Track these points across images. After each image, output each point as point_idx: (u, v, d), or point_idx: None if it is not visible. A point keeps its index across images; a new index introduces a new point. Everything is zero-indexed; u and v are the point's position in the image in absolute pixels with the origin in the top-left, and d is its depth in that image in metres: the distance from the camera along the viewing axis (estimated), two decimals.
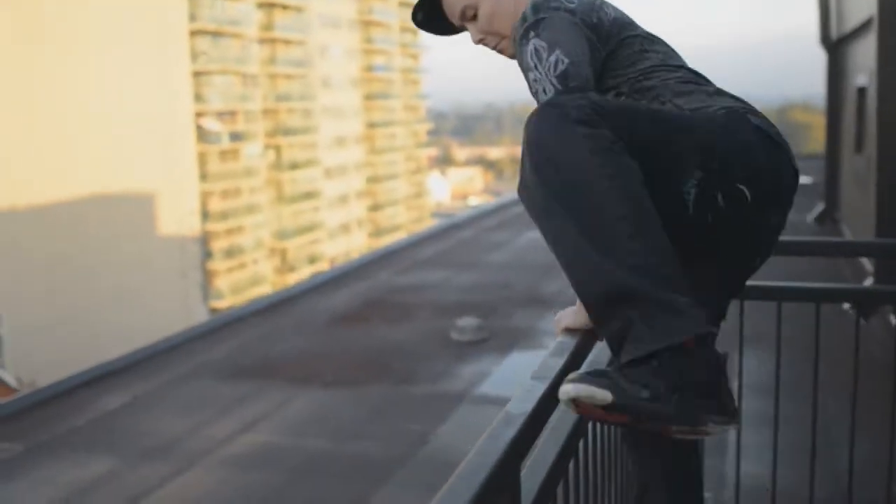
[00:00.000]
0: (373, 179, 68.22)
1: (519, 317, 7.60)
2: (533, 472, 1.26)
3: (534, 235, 12.43)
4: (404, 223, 71.39)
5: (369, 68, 67.29)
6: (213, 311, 49.80)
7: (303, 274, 57.37)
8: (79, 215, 48.30)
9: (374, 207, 68.74)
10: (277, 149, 57.98)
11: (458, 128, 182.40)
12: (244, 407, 5.41)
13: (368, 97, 67.20)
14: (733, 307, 1.97)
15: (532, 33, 1.74)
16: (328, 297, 8.40)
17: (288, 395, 5.62)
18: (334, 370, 6.12)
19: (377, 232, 67.99)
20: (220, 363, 6.43)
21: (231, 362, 6.44)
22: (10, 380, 44.11)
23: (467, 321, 6.87)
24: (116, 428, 5.01)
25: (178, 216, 48.08)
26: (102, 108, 47.09)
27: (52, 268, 48.31)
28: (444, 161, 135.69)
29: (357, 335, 7.04)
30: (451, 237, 12.39)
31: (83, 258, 47.71)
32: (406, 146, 72.99)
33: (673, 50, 1.87)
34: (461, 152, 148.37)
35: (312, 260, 60.51)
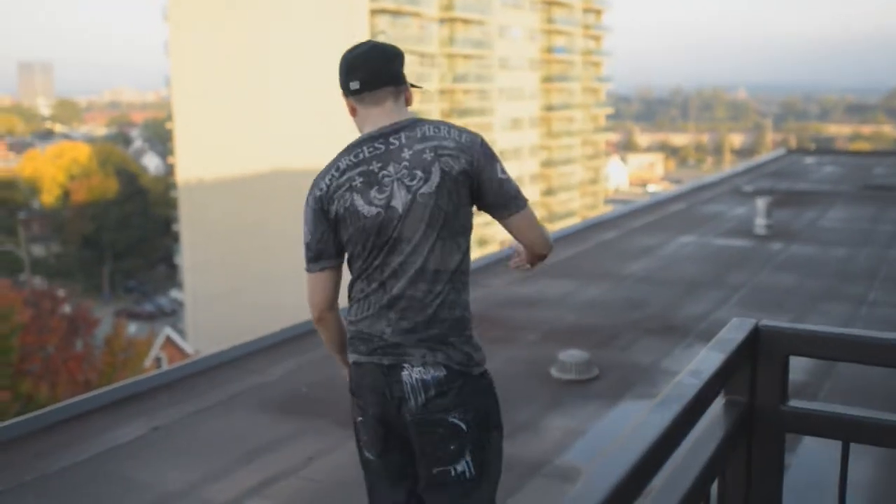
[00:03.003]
0: (547, 163, 66.86)
1: (643, 348, 6.28)
2: None
3: (687, 240, 10.95)
4: (578, 209, 69.68)
5: (549, 50, 65.76)
6: None
7: (473, 255, 56.82)
8: (262, 190, 49.82)
9: (548, 192, 67.37)
10: None
11: (642, 112, 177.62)
12: (271, 454, 4.45)
13: (547, 79, 65.75)
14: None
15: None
16: None
17: (332, 441, 4.62)
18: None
19: (550, 217, 66.64)
20: (270, 390, 5.51)
21: (282, 389, 5.51)
22: (188, 347, 46.06)
23: (573, 355, 5.65)
24: (103, 474, 4.16)
25: None
26: (286, 86, 48.18)
27: (236, 240, 50.17)
28: (625, 146, 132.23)
29: None
30: (592, 238, 11.06)
31: (266, 231, 49.19)
32: (584, 130, 71.07)
33: None
34: (643, 138, 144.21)
35: (482, 242, 60.00)
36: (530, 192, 64.97)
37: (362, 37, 49.32)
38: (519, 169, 63.61)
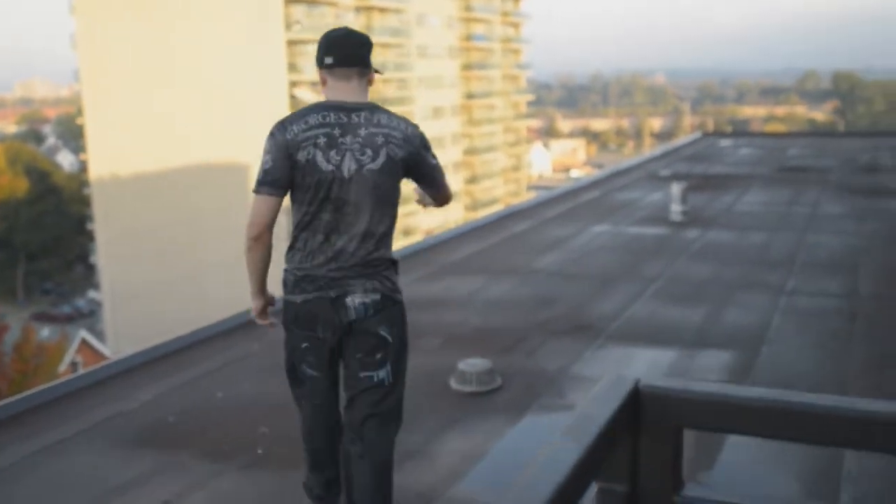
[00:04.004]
0: (470, 151, 66.56)
1: (551, 352, 5.82)
2: None
3: (600, 230, 10.56)
4: (502, 196, 69.58)
5: (468, 38, 65.39)
6: None
7: (397, 245, 56.27)
8: (177, 185, 48.44)
9: (472, 180, 67.11)
10: None
11: (563, 99, 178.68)
12: (119, 499, 3.86)
13: (467, 67, 65.39)
14: None
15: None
16: None
17: (194, 478, 4.05)
18: (274, 436, 4.52)
19: (474, 205, 66.44)
20: (130, 419, 4.89)
21: (144, 418, 4.89)
22: (106, 350, 44.54)
23: (473, 364, 5.16)
24: None
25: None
26: (197, 78, 46.85)
27: (153, 237, 48.71)
28: (548, 133, 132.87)
29: None
30: (503, 230, 10.59)
31: (180, 228, 47.84)
32: (505, 118, 70.95)
33: None
34: (565, 124, 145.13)
35: (407, 232, 59.43)
36: (454, 181, 64.61)
37: (276, 27, 48.28)
38: (442, 157, 62.90)
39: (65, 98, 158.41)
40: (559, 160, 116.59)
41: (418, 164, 3.14)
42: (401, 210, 3.14)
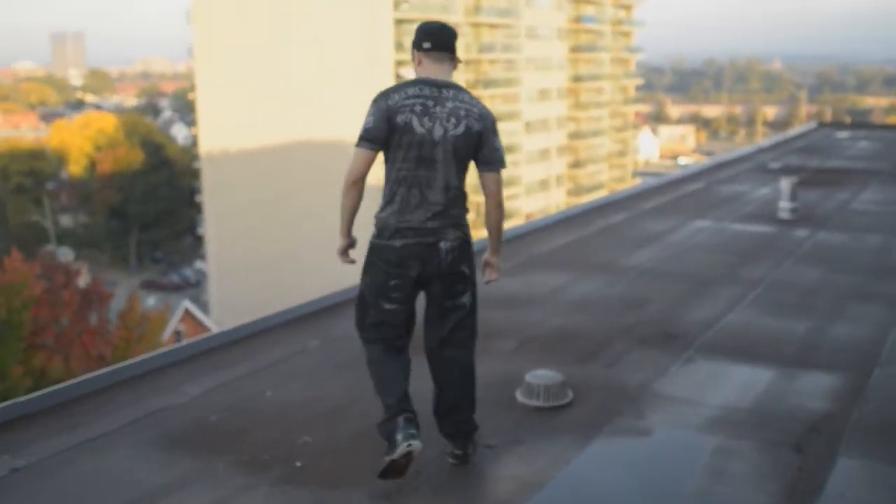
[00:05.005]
0: (575, 135, 65.40)
1: (634, 363, 5.30)
2: None
3: (701, 225, 9.88)
4: (606, 182, 68.29)
5: (578, 19, 64.08)
6: None
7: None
8: (282, 162, 49.01)
9: (576, 164, 66.02)
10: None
11: (674, 84, 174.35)
12: None
13: (575, 49, 64.15)
14: None
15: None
16: None
17: (225, 492, 3.72)
18: (316, 447, 4.16)
19: (577, 190, 65.38)
20: (174, 416, 4.60)
21: (188, 416, 4.59)
22: (208, 321, 45.56)
23: (542, 375, 4.69)
24: None
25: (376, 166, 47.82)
26: (306, 56, 47.17)
27: (258, 212, 49.48)
28: (657, 118, 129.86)
29: None
30: (596, 221, 10.00)
31: (287, 204, 48.43)
32: (613, 102, 69.43)
33: None
34: (675, 109, 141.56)
35: (508, 216, 58.90)
36: (557, 165, 63.69)
37: (384, 7, 48.19)
38: (546, 141, 62.30)
39: (182, 73, 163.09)
40: (667, 147, 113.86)
41: (488, 139, 3.78)
42: (503, 193, 3.89)
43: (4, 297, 25.98)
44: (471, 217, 3.90)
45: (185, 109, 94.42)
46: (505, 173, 3.80)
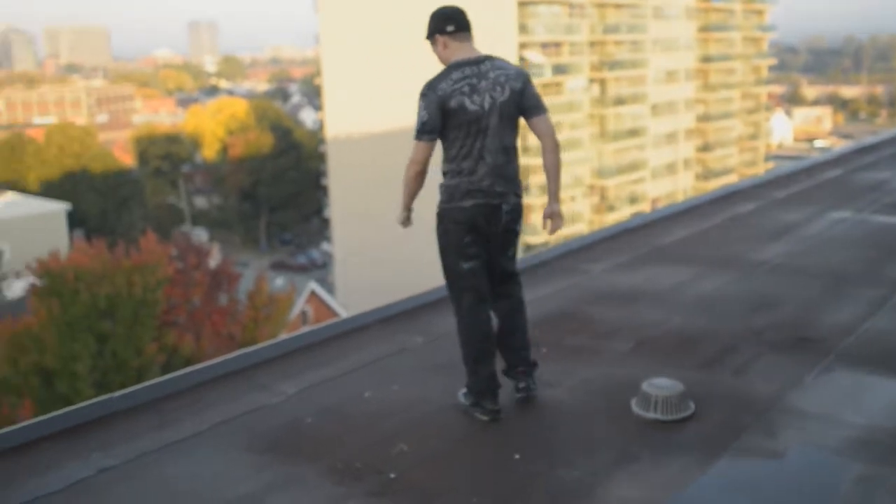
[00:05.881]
0: (704, 118, 63.39)
1: (764, 371, 4.82)
2: None
3: (840, 216, 9.15)
4: (736, 166, 65.97)
5: None
6: (528, 246, 49.09)
7: (622, 214, 54.80)
8: (405, 147, 49.27)
9: (704, 148, 64.03)
10: (602, 83, 55.30)
11: (810, 63, 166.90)
12: None
13: (704, 29, 62.03)
14: None
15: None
16: None
17: (312, 502, 3.50)
18: (412, 457, 3.89)
19: (705, 174, 63.45)
20: (268, 416, 4.41)
21: (283, 417, 4.40)
22: (334, 302, 46.30)
23: (660, 385, 4.29)
24: None
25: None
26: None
27: (382, 195, 50.00)
28: (791, 100, 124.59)
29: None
30: (722, 211, 9.39)
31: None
32: (744, 83, 66.89)
33: None
34: (810, 90, 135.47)
35: (633, 200, 57.67)
36: (685, 148, 61.93)
37: None
38: (673, 123, 60.60)
39: (310, 59, 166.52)
40: (802, 129, 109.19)
41: (529, 92, 4.19)
42: (627, 177, 5.09)
43: (140, 276, 26.89)
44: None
45: (313, 94, 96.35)
46: (629, 156, 4.12)
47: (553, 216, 4.29)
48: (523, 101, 4.15)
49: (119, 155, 72.02)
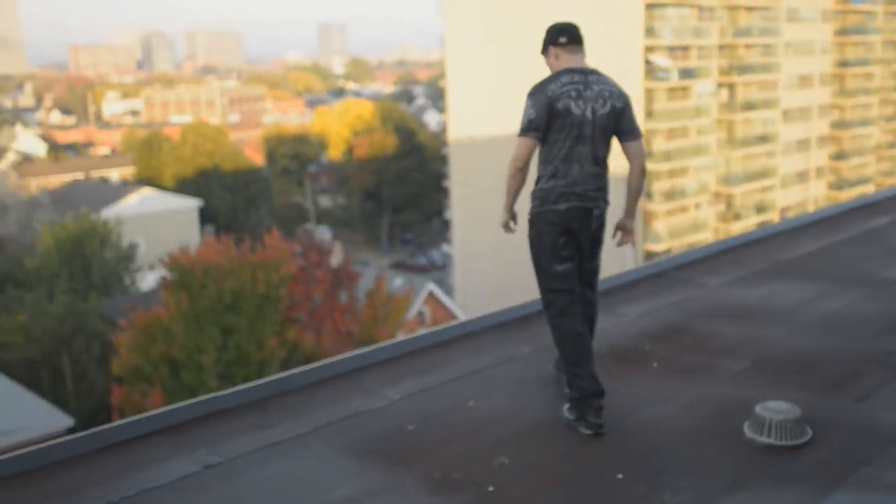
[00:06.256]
0: (839, 124, 60.80)
1: (889, 400, 4.52)
2: None
3: None
4: (873, 175, 63.05)
5: None
6: (648, 254, 48.22)
7: (749, 223, 53.17)
8: None
9: (838, 156, 61.41)
10: (731, 87, 53.75)
11: None
12: None
13: (842, 32, 59.49)
14: None
15: None
16: (612, 315, 5.92)
17: None
18: (513, 469, 3.83)
19: (839, 184, 60.86)
20: (371, 421, 4.42)
21: (386, 422, 4.39)
22: (451, 304, 46.57)
23: (776, 408, 4.09)
24: None
25: (615, 153, 46.93)
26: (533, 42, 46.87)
27: (498, 198, 50.05)
28: None
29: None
30: (854, 225, 8.94)
31: (526, 190, 48.58)
32: (884, 88, 63.80)
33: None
34: None
35: (761, 209, 55.84)
36: (818, 156, 59.60)
37: None
38: (806, 130, 58.40)
39: (435, 62, 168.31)
40: None
41: (628, 114, 4.33)
42: (755, 185, 4.58)
43: (265, 272, 27.65)
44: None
45: (437, 96, 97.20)
46: (758, 163, 4.16)
47: (623, 229, 4.58)
48: (622, 122, 4.30)
49: (249, 154, 74.44)
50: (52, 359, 30.99)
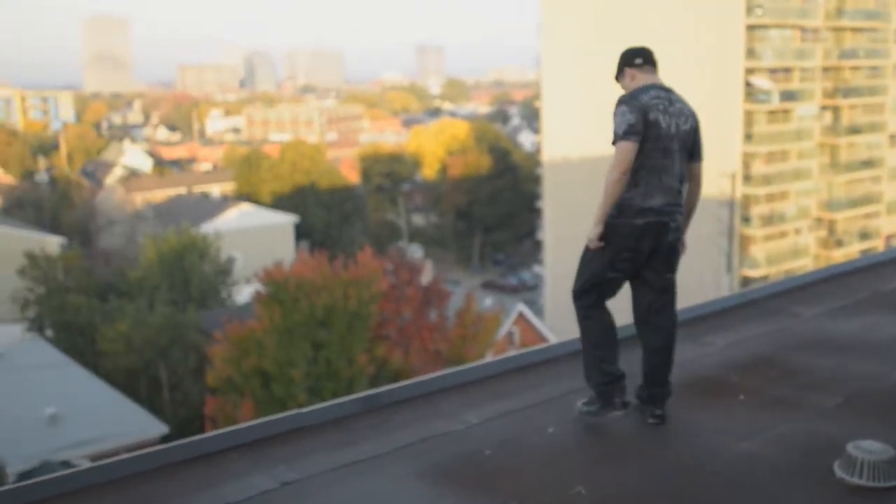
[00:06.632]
0: None
1: None
2: None
3: None
4: None
5: None
6: (745, 279, 47.06)
7: (851, 250, 51.41)
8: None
9: None
10: (835, 110, 52.22)
11: None
12: None
13: None
14: None
15: None
16: (697, 344, 5.77)
17: None
18: (595, 498, 3.76)
19: None
20: (448, 445, 4.40)
21: (463, 447, 4.37)
22: (541, 325, 46.32)
23: (868, 448, 3.92)
24: None
25: (712, 177, 46.05)
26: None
27: (590, 219, 49.62)
28: None
29: (684, 424, 4.52)
30: None
31: None
32: None
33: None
34: None
35: (865, 236, 53.96)
36: None
37: (737, 13, 46.02)
38: None
39: (531, 82, 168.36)
40: None
41: (699, 136, 4.54)
42: (859, 211, 4.38)
43: (356, 289, 27.96)
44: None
45: (533, 117, 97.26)
46: (862, 188, 4.27)
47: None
48: (696, 142, 4.52)
49: (345, 172, 75.66)
50: (150, 368, 31.98)
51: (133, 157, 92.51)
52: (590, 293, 4.49)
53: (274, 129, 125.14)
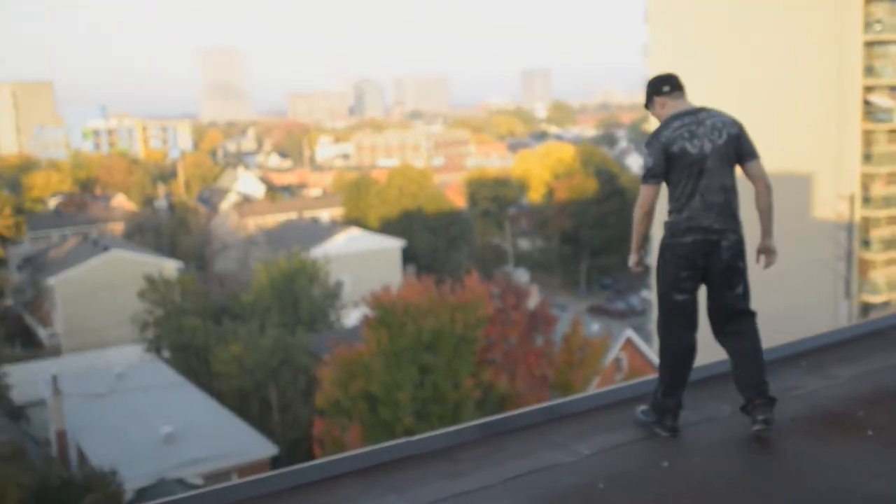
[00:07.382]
0: None
1: None
2: None
3: None
4: None
5: None
6: (865, 305, 45.21)
7: None
8: (742, 195, 47.36)
9: None
10: None
11: None
12: None
13: None
14: None
15: None
16: (821, 376, 5.49)
17: None
18: None
19: None
20: (562, 474, 4.28)
21: (574, 476, 4.22)
22: (649, 351, 45.38)
23: None
24: None
25: (829, 199, 44.43)
26: (760, 83, 45.24)
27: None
28: None
29: (811, 460, 4.30)
30: None
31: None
32: None
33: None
34: None
35: None
36: None
37: (855, 30, 44.54)
38: None
39: (638, 104, 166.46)
40: None
41: (744, 138, 4.62)
42: None
43: (463, 313, 27.98)
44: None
45: (640, 140, 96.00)
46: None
47: (766, 251, 4.75)
48: (740, 146, 4.59)
49: (451, 196, 76.18)
50: (261, 389, 32.69)
51: (246, 183, 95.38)
52: (667, 319, 4.69)
53: (382, 155, 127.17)
